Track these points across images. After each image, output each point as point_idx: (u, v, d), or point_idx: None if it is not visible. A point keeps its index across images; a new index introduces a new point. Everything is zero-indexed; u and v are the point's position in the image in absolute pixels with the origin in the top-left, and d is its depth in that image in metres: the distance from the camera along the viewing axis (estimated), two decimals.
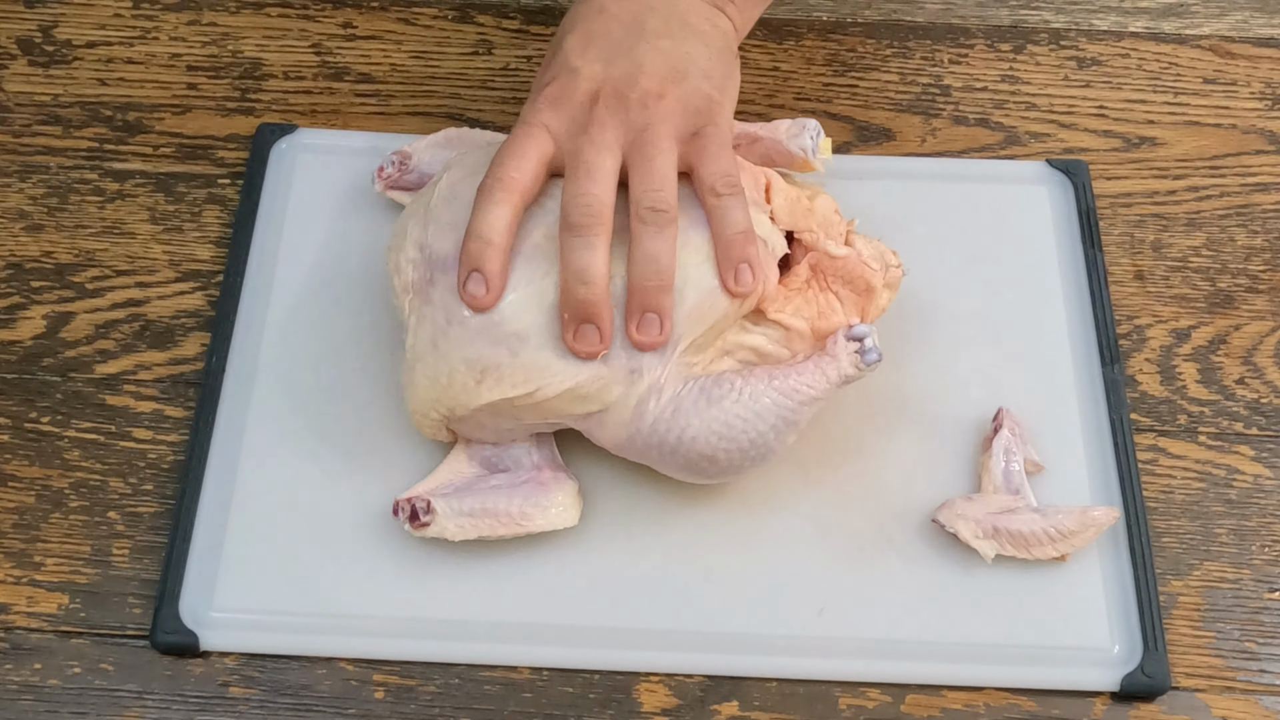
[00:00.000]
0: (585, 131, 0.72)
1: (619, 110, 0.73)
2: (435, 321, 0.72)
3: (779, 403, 0.72)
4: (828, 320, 0.75)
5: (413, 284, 0.74)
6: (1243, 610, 0.76)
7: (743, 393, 0.72)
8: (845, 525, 0.76)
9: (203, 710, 0.71)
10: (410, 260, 0.74)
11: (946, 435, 0.80)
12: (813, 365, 0.73)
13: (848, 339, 0.74)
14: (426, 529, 0.73)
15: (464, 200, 0.73)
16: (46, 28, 0.95)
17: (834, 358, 0.73)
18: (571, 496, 0.75)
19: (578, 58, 0.74)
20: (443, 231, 0.73)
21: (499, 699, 0.72)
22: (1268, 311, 0.86)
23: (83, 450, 0.79)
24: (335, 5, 0.97)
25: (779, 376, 0.73)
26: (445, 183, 0.75)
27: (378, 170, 0.84)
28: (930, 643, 0.74)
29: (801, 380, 0.73)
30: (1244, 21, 0.99)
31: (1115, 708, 0.73)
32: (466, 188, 0.74)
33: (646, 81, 0.73)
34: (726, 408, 0.72)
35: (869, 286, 0.75)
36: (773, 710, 0.72)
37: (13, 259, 0.85)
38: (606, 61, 0.74)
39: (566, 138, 0.73)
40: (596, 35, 0.75)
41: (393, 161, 0.84)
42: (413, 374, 0.73)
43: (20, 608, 0.74)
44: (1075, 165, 0.90)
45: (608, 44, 0.74)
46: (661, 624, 0.74)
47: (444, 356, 0.72)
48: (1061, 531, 0.75)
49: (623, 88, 0.73)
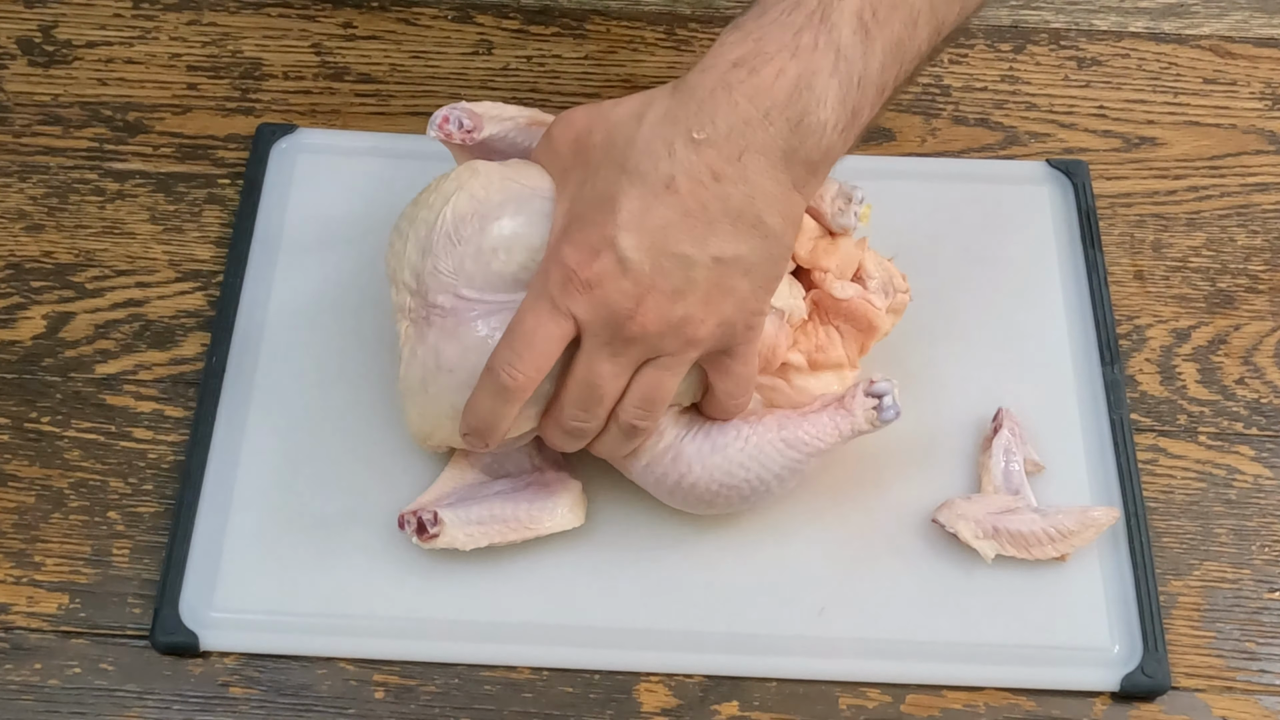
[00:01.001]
0: (611, 345, 0.67)
1: (653, 334, 0.66)
2: (426, 364, 0.70)
3: (785, 454, 0.72)
4: (825, 354, 0.74)
5: (409, 310, 0.71)
6: (1243, 610, 0.76)
7: (749, 441, 0.71)
8: (845, 525, 0.76)
9: (203, 710, 0.71)
10: (406, 285, 0.71)
11: (946, 435, 0.80)
12: (826, 418, 0.72)
13: (866, 394, 0.72)
14: (436, 540, 0.73)
15: (467, 249, 0.69)
16: (46, 28, 0.95)
17: (849, 412, 0.72)
18: (576, 496, 0.75)
19: (629, 242, 0.65)
20: (441, 282, 0.69)
21: (499, 699, 0.72)
22: (1268, 311, 0.86)
23: (83, 450, 0.79)
24: (335, 5, 0.97)
25: (788, 426, 0.72)
26: (450, 215, 0.70)
27: (440, 120, 0.74)
28: (930, 643, 0.74)
29: (812, 433, 0.72)
30: (1244, 21, 0.99)
31: (1115, 708, 0.73)
32: (472, 234, 0.69)
33: (691, 305, 0.66)
34: (730, 455, 0.71)
35: (871, 325, 0.74)
36: (773, 710, 0.72)
37: (13, 259, 0.85)
38: (657, 264, 0.65)
39: (591, 333, 0.67)
40: (655, 218, 0.65)
41: (461, 123, 0.74)
42: (405, 403, 0.73)
43: (20, 608, 0.74)
44: (1075, 165, 0.90)
45: (664, 238, 0.65)
46: (661, 624, 0.74)
47: (433, 400, 0.71)
48: (1061, 531, 0.75)
49: (665, 308, 0.66)
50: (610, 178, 0.66)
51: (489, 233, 0.69)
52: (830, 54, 0.65)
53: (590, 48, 0.95)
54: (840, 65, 0.65)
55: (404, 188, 0.86)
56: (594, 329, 0.67)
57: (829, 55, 0.65)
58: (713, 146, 0.65)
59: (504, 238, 0.69)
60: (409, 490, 0.76)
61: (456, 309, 0.69)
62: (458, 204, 0.70)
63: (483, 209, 0.70)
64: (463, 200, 0.70)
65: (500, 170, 0.71)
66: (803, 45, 0.65)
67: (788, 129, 0.65)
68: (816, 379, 0.74)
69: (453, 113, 0.74)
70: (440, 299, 0.69)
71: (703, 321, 0.67)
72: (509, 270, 0.69)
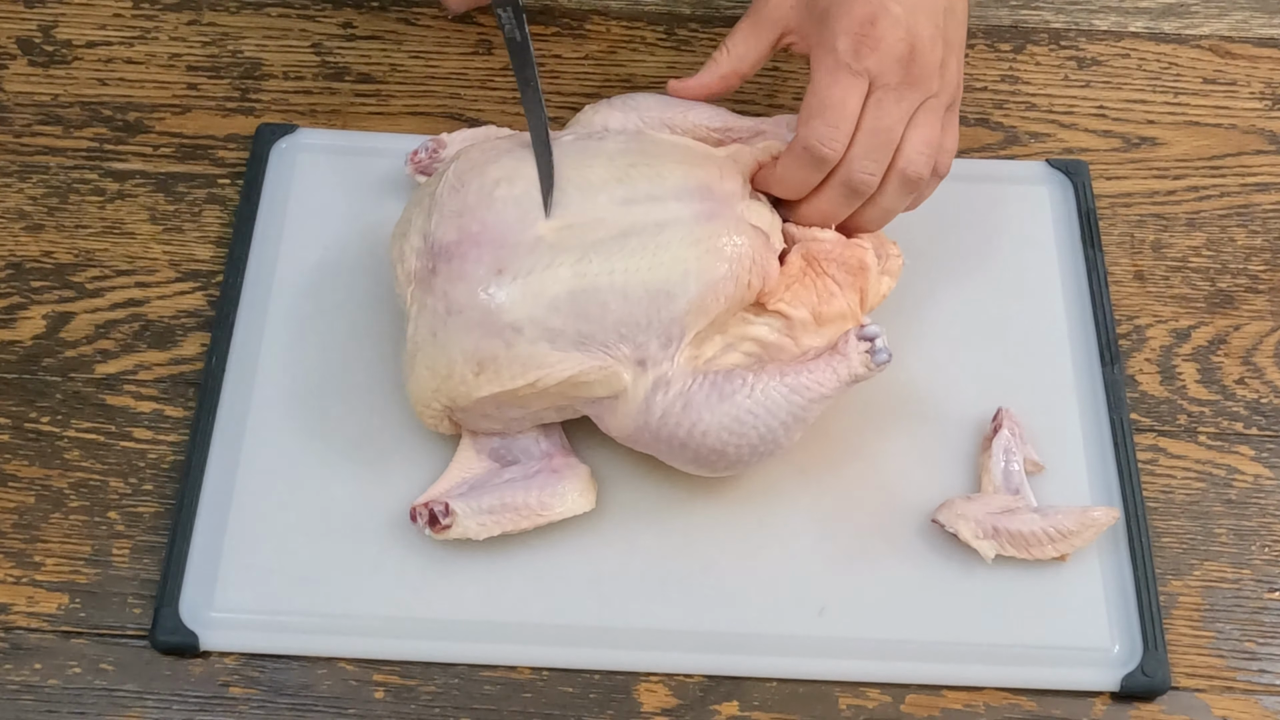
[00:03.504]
0: (898, 90, 0.74)
1: (928, 75, 0.75)
2: (435, 311, 0.72)
3: (790, 399, 0.72)
4: (828, 304, 0.75)
5: (415, 273, 0.74)
6: (1243, 610, 0.76)
7: (754, 389, 0.72)
8: (845, 525, 0.77)
9: (203, 710, 0.71)
10: (414, 249, 0.74)
11: (946, 435, 0.80)
12: (824, 363, 0.73)
13: (859, 338, 0.74)
14: (448, 531, 0.73)
15: (470, 189, 0.73)
16: (46, 28, 0.95)
17: (844, 356, 0.73)
18: (586, 481, 0.75)
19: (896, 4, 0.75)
20: (446, 220, 0.73)
21: (499, 699, 0.72)
22: (1268, 311, 0.86)
23: (83, 450, 0.79)
24: (335, 5, 0.97)
25: (790, 373, 0.73)
26: (452, 172, 0.75)
27: (411, 155, 0.84)
28: (930, 643, 0.74)
29: (812, 378, 0.73)
30: (1244, 21, 0.99)
31: (1115, 708, 0.73)
32: (473, 177, 0.74)
33: (943, 49, 0.76)
34: (738, 402, 0.72)
35: (862, 264, 0.76)
36: (773, 710, 0.72)
37: (13, 259, 0.85)
38: (915, 13, 0.75)
39: (881, 83, 0.74)
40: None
41: (428, 148, 0.84)
42: (413, 364, 0.73)
43: (20, 608, 0.74)
44: (1075, 165, 0.90)
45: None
46: (661, 624, 0.74)
47: (443, 347, 0.72)
48: (1061, 531, 0.75)
49: (927, 53, 0.75)
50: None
51: (488, 173, 0.74)
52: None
53: (590, 48, 0.95)
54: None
55: (404, 188, 0.87)
56: (884, 78, 0.74)
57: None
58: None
59: (504, 171, 0.74)
60: (410, 490, 0.76)
61: (461, 243, 0.72)
62: (457, 165, 0.76)
63: (481, 159, 0.75)
64: (460, 161, 0.76)
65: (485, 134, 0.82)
66: None
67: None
68: (821, 335, 0.75)
69: (419, 144, 0.85)
70: (446, 237, 0.73)
71: (946, 66, 0.76)
72: (512, 195, 0.73)
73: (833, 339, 0.75)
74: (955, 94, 0.78)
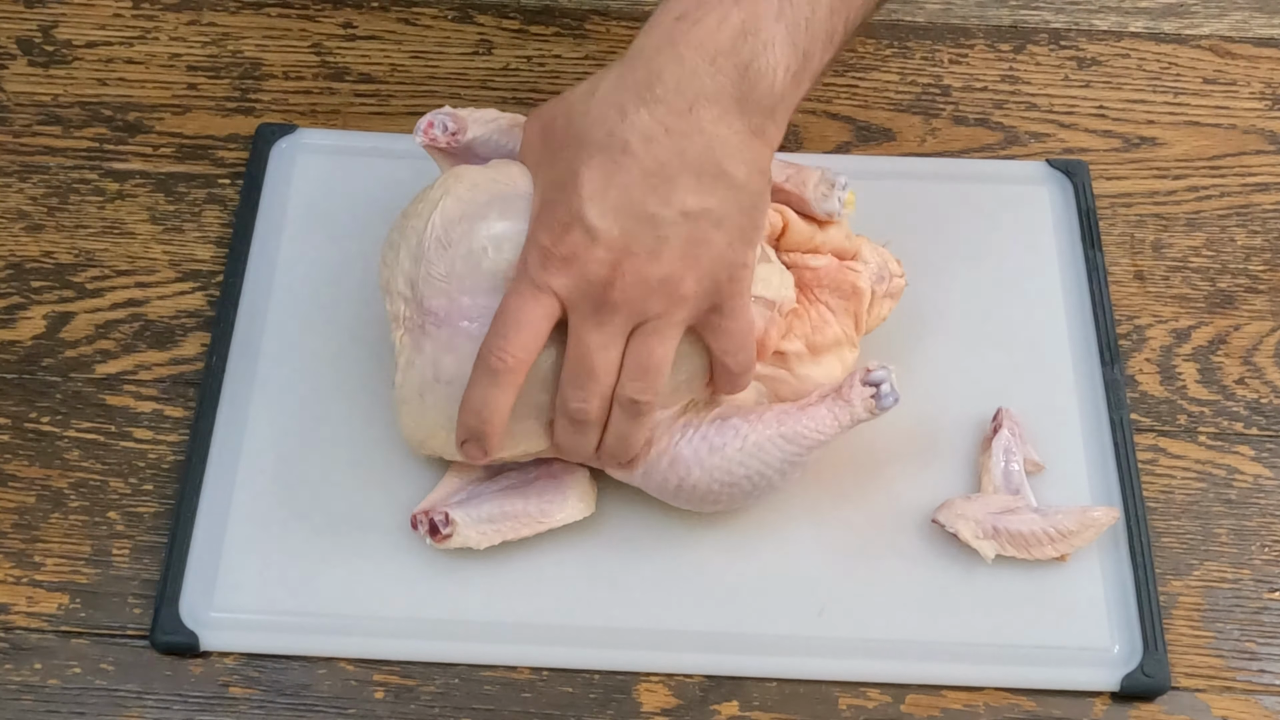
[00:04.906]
0: (596, 315, 0.67)
1: (636, 298, 0.66)
2: (423, 374, 0.70)
3: (784, 449, 0.72)
4: (822, 333, 0.74)
5: (404, 319, 0.71)
6: (1243, 610, 0.76)
7: (747, 439, 0.71)
8: (845, 525, 0.76)
9: (203, 710, 0.71)
10: (400, 294, 0.71)
11: (946, 435, 0.80)
12: (825, 409, 0.72)
13: (864, 383, 0.72)
14: (449, 540, 0.73)
15: (457, 251, 0.70)
16: (46, 28, 0.95)
17: (847, 402, 0.72)
18: (585, 485, 0.75)
19: (595, 211, 0.66)
20: (435, 284, 0.70)
21: (499, 699, 0.72)
22: (1268, 311, 0.86)
23: (83, 450, 0.79)
24: (335, 5, 0.97)
25: (787, 422, 0.72)
26: (439, 221, 0.70)
27: (425, 126, 0.75)
28: (930, 643, 0.74)
29: (811, 425, 0.71)
30: (1244, 21, 0.99)
31: (1115, 708, 0.73)
32: (461, 235, 0.70)
33: (669, 263, 0.66)
34: (729, 455, 0.72)
35: (855, 289, 0.74)
36: (773, 710, 0.72)
37: (13, 259, 0.85)
38: (626, 228, 0.66)
39: (574, 307, 0.67)
40: (617, 184, 0.66)
41: (445, 126, 0.75)
42: (400, 412, 0.73)
43: (20, 608, 0.74)
44: (1075, 165, 0.90)
45: (629, 201, 0.66)
46: (661, 624, 0.74)
47: (428, 410, 0.71)
48: (1061, 531, 0.75)
49: (643, 269, 0.66)
50: (570, 155, 0.67)
51: (477, 232, 0.70)
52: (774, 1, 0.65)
53: (590, 48, 0.95)
54: (785, 9, 0.65)
55: (404, 188, 0.86)
56: (577, 302, 0.67)
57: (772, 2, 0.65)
58: (662, 103, 0.65)
59: (492, 235, 0.70)
60: (410, 489, 0.76)
61: (451, 315, 0.70)
62: (445, 208, 0.71)
63: (470, 210, 0.70)
64: (450, 204, 0.71)
65: (483, 172, 0.72)
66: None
67: (736, 75, 0.65)
68: (818, 365, 0.74)
69: (436, 117, 0.75)
70: (435, 303, 0.70)
71: (682, 278, 0.67)
72: (499, 267, 0.69)
73: (829, 367, 0.74)
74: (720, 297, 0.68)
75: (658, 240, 0.66)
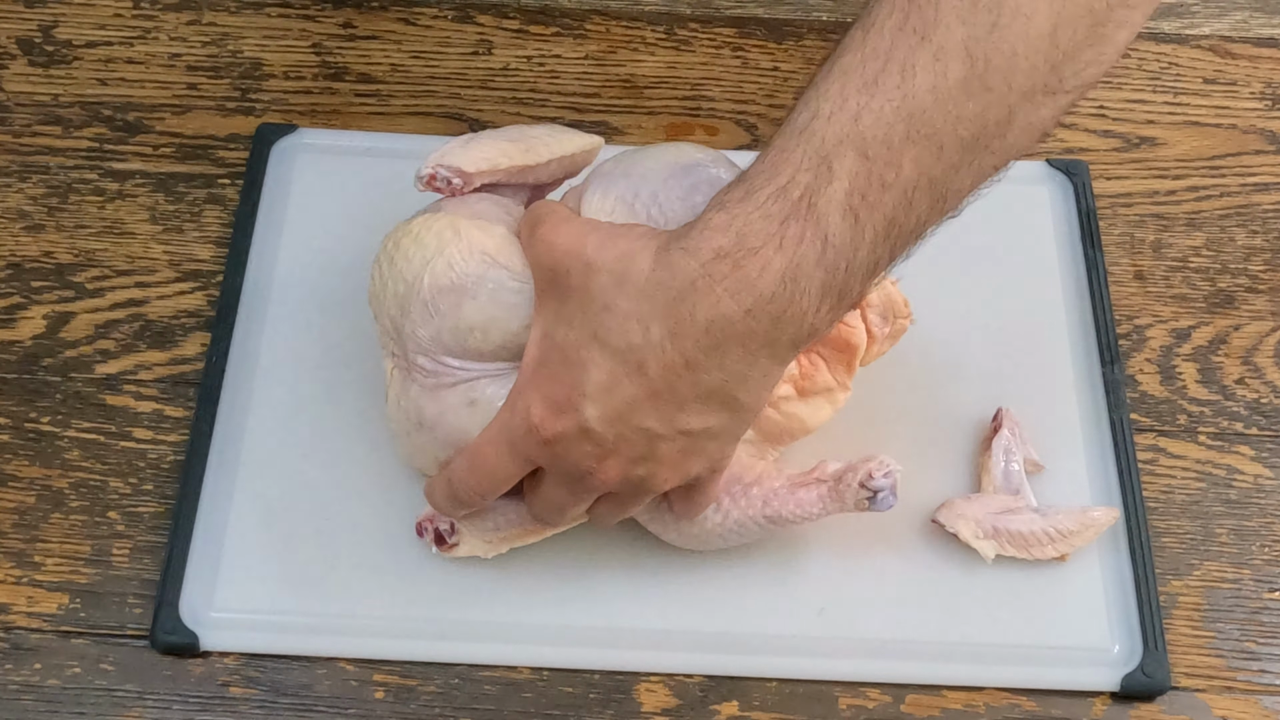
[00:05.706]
0: (570, 486, 0.67)
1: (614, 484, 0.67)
2: (409, 416, 0.71)
3: (766, 527, 0.72)
4: (812, 381, 0.73)
5: (393, 352, 0.71)
6: (1243, 610, 0.76)
7: (729, 516, 0.72)
8: (845, 525, 0.76)
9: (203, 710, 0.71)
10: (387, 331, 0.71)
11: (946, 435, 0.80)
12: (815, 496, 0.71)
13: (859, 485, 0.70)
14: (455, 550, 0.73)
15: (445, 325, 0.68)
16: (46, 28, 0.95)
17: (838, 497, 0.71)
18: None
19: (594, 412, 0.64)
20: (420, 345, 0.69)
21: (499, 699, 0.72)
22: (1268, 311, 0.86)
23: (83, 450, 0.79)
24: (335, 5, 0.97)
25: (773, 504, 0.71)
26: (429, 283, 0.68)
27: (428, 179, 0.72)
28: (930, 643, 0.74)
29: (798, 511, 0.71)
30: (1244, 21, 0.99)
31: (1115, 708, 0.73)
32: (449, 305, 0.68)
33: (654, 467, 0.66)
34: (708, 528, 0.72)
35: (849, 345, 0.72)
36: (773, 710, 0.72)
37: (13, 259, 0.85)
38: (621, 434, 0.65)
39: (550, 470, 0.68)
40: (623, 395, 0.64)
41: (450, 183, 0.72)
42: (393, 438, 0.73)
43: (20, 608, 0.74)
44: (1075, 165, 0.90)
45: (631, 413, 0.64)
46: (662, 624, 0.74)
47: (417, 449, 0.72)
48: (1061, 531, 0.75)
49: (628, 469, 0.66)
50: (583, 337, 0.64)
51: (465, 312, 0.68)
52: (817, 244, 0.61)
53: (590, 48, 0.95)
54: (827, 254, 0.62)
55: (404, 188, 0.86)
56: (553, 473, 0.68)
57: (815, 245, 0.61)
58: (688, 338, 0.62)
59: (480, 321, 0.68)
60: (410, 489, 0.76)
61: (437, 372, 0.69)
62: (436, 272, 0.68)
63: (460, 283, 0.68)
64: (440, 269, 0.68)
65: (481, 241, 0.69)
66: (788, 237, 0.61)
67: (770, 322, 0.62)
68: (807, 404, 0.73)
69: (440, 170, 0.72)
70: (421, 361, 0.70)
71: (666, 479, 0.67)
72: (486, 348, 0.69)
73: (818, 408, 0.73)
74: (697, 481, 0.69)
75: (649, 451, 0.66)
